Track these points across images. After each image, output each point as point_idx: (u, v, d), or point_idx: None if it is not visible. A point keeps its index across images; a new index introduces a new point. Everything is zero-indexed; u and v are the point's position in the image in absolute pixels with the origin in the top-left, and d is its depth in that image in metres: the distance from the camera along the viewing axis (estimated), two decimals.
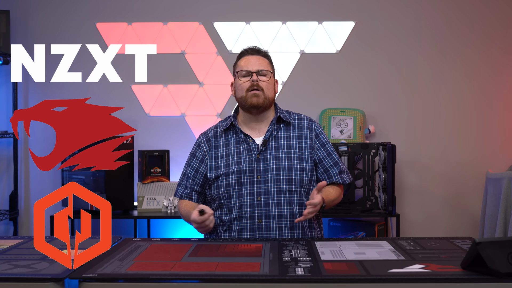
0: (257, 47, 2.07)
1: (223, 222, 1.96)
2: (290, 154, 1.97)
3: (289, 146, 1.98)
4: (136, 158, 3.53)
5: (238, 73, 2.02)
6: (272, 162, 1.94)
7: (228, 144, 2.02)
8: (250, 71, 1.99)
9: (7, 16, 3.54)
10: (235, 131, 2.03)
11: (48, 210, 3.91)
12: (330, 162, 2.01)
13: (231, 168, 1.95)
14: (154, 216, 3.34)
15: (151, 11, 3.74)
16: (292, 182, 1.93)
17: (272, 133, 2.00)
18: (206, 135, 2.08)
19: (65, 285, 1.31)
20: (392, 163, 3.23)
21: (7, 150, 3.73)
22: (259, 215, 1.91)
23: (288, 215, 1.92)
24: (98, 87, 3.74)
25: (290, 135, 2.01)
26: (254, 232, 1.91)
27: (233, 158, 1.97)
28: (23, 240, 1.79)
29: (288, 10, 3.73)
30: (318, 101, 3.69)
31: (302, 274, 1.32)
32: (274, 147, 1.98)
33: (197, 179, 2.03)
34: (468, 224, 3.69)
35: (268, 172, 1.93)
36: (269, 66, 2.04)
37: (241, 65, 2.03)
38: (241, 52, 2.09)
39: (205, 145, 2.05)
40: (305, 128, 2.04)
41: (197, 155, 2.05)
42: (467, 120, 3.71)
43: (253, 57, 2.03)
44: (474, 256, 1.27)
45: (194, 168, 2.04)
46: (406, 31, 3.71)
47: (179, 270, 1.37)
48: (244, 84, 1.99)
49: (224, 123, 2.07)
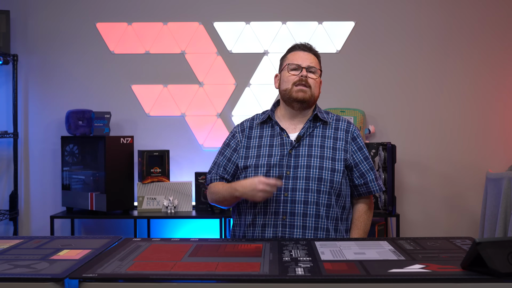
0: (309, 44, 2.05)
1: (247, 215, 1.93)
2: (323, 154, 1.94)
3: (323, 146, 1.95)
4: (136, 158, 3.53)
5: (288, 65, 1.99)
6: (304, 159, 1.92)
7: (262, 136, 2.00)
8: (300, 65, 1.97)
9: (7, 16, 3.54)
10: (272, 125, 2.02)
11: (48, 210, 3.92)
12: (367, 166, 1.99)
13: (261, 160, 1.94)
14: (154, 216, 3.34)
15: (151, 11, 3.73)
16: (321, 182, 1.90)
17: (307, 131, 1.98)
18: (241, 126, 2.07)
19: (65, 285, 1.31)
20: (392, 163, 3.23)
21: (7, 150, 3.72)
22: (284, 211, 1.88)
23: (314, 214, 1.88)
24: (98, 87, 3.75)
25: (326, 134, 1.99)
26: (278, 228, 1.88)
27: (265, 150, 1.95)
28: (23, 240, 1.79)
29: (288, 10, 3.73)
30: (318, 101, 3.67)
31: (302, 274, 1.32)
32: (308, 145, 1.95)
33: (229, 168, 2.00)
34: (468, 224, 3.69)
35: (298, 169, 1.90)
36: (318, 65, 2.02)
37: (291, 58, 2.01)
38: (292, 46, 2.06)
39: (240, 135, 2.04)
40: (341, 130, 2.01)
41: (231, 145, 2.04)
42: (467, 120, 3.71)
43: (305, 53, 2.01)
44: (474, 256, 1.27)
45: (227, 157, 2.02)
46: (406, 31, 3.71)
47: (179, 270, 1.37)
48: (292, 77, 1.97)
49: (262, 116, 2.06)
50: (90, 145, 3.45)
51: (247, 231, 1.94)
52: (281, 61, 2.07)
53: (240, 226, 1.98)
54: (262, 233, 1.90)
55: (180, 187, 3.43)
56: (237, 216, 2.01)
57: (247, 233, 1.94)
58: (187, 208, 3.43)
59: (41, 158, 3.74)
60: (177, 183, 3.44)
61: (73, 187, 3.50)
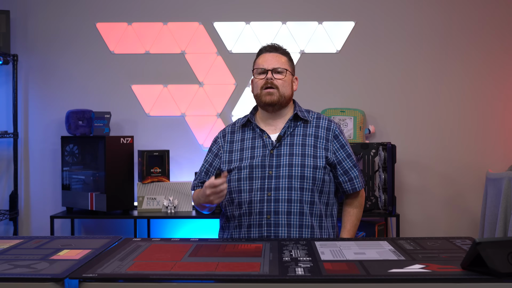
0: (276, 44, 2.05)
1: (234, 217, 1.95)
2: (305, 152, 1.95)
3: (304, 144, 1.97)
4: (136, 158, 3.53)
5: (255, 70, 2.02)
6: (286, 158, 1.93)
7: (244, 139, 2.02)
8: (266, 69, 1.99)
9: (7, 16, 3.54)
10: (252, 127, 2.04)
11: (48, 210, 3.92)
12: (350, 164, 2.00)
13: (244, 162, 1.95)
14: (154, 216, 3.34)
15: (151, 11, 3.73)
16: (304, 179, 1.91)
17: (287, 130, 1.99)
18: (223, 131, 2.10)
19: (65, 285, 1.31)
20: (392, 163, 3.23)
21: (7, 150, 3.73)
22: (268, 211, 1.89)
23: (298, 212, 1.90)
24: (98, 87, 3.75)
25: (307, 133, 2.00)
26: (263, 228, 1.89)
27: (247, 153, 1.97)
28: (23, 240, 1.79)
29: (288, 10, 3.73)
30: (318, 101, 3.69)
31: (302, 274, 1.32)
32: (289, 144, 1.96)
33: (210, 173, 2.04)
34: (468, 224, 3.69)
35: (281, 168, 1.92)
36: (286, 64, 2.02)
37: (258, 62, 2.03)
38: (260, 49, 2.07)
39: (221, 140, 2.07)
40: (322, 128, 2.02)
41: (213, 150, 2.07)
42: (467, 120, 3.71)
43: (270, 55, 2.02)
44: (474, 256, 1.27)
45: (208, 162, 2.06)
46: (406, 31, 3.71)
47: (179, 270, 1.37)
48: (259, 82, 1.99)
49: (242, 119, 2.08)
50: (90, 145, 3.45)
51: (233, 233, 1.96)
52: (253, 65, 2.09)
53: (228, 228, 1.99)
54: (248, 234, 1.91)
55: (180, 187, 3.43)
56: (225, 219, 2.03)
57: (234, 235, 1.96)
58: (187, 208, 3.43)
59: (41, 158, 3.74)
60: (177, 183, 3.45)
61: (73, 187, 3.50)
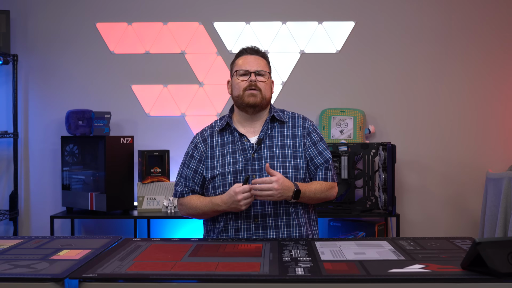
0: (256, 47, 2.07)
1: (219, 222, 1.95)
2: (285, 153, 1.97)
3: (283, 145, 1.99)
4: (136, 158, 3.52)
5: (236, 72, 2.03)
6: (267, 161, 1.94)
7: (224, 144, 2.02)
8: (249, 70, 1.99)
9: (7, 16, 3.54)
10: (231, 131, 2.03)
11: (48, 210, 3.93)
12: (321, 160, 2.00)
13: (227, 168, 1.96)
14: (154, 216, 3.34)
15: (151, 11, 3.73)
16: None
17: (266, 132, 2.00)
18: (202, 135, 2.08)
19: (65, 285, 1.31)
20: (392, 163, 3.23)
21: (7, 150, 3.72)
22: (255, 214, 1.91)
23: (284, 213, 1.92)
24: (98, 87, 3.75)
25: (284, 133, 2.02)
26: (251, 231, 1.90)
27: (229, 158, 1.97)
28: (23, 240, 1.79)
29: (288, 10, 3.73)
30: (318, 101, 3.69)
31: (302, 274, 1.32)
32: (269, 146, 1.98)
33: (197, 180, 2.03)
34: (468, 224, 3.69)
35: (263, 171, 1.92)
36: (267, 67, 2.04)
37: (240, 64, 2.04)
38: (240, 51, 2.09)
39: (202, 145, 2.05)
40: (298, 126, 2.04)
41: (195, 156, 2.05)
42: (467, 120, 3.71)
43: (252, 57, 2.03)
44: (474, 256, 1.27)
45: (193, 169, 2.04)
46: (406, 31, 3.71)
47: (179, 270, 1.37)
48: (242, 83, 1.99)
49: (219, 122, 2.07)
50: (90, 145, 3.45)
51: (220, 237, 1.95)
52: (231, 66, 2.09)
53: (213, 232, 1.98)
54: (236, 237, 1.92)
55: None
56: (211, 223, 2.01)
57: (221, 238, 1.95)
58: None
59: (41, 158, 3.74)
60: None
61: (73, 187, 3.50)
